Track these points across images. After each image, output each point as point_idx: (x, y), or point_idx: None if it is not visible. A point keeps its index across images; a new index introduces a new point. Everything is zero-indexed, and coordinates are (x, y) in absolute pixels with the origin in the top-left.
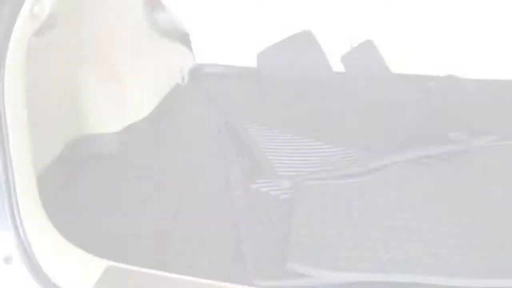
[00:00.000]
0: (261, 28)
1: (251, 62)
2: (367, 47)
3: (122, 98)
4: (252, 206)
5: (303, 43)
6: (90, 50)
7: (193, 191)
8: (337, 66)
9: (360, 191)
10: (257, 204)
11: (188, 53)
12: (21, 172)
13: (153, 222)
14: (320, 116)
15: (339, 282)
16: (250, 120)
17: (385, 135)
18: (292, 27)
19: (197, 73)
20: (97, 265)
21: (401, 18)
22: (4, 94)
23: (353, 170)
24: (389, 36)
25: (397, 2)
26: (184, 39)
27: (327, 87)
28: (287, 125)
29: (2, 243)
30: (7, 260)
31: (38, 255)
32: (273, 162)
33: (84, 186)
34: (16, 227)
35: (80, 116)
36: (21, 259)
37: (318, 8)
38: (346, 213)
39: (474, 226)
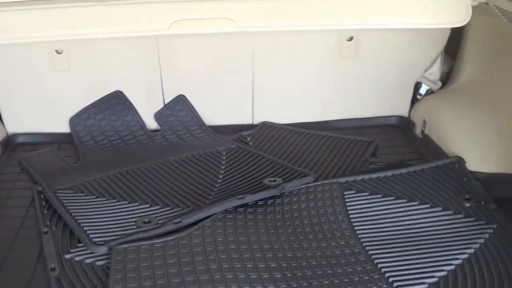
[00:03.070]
0: (71, 92)
1: (64, 127)
2: (180, 102)
3: None
4: (66, 277)
5: (115, 103)
6: None
7: (6, 265)
8: (151, 123)
9: (176, 248)
10: (71, 275)
11: None
12: None
13: None
14: (136, 176)
15: None
16: (63, 188)
17: (202, 188)
18: (102, 89)
19: (9, 144)
20: None
21: (211, 72)
22: None
23: (169, 228)
24: (202, 89)
25: (209, 58)
26: None
27: (142, 146)
28: (101, 189)
29: None
30: None
31: None
32: (87, 229)
33: None
34: None
35: None
36: None
37: (127, 67)
38: (163, 273)
39: (290, 269)
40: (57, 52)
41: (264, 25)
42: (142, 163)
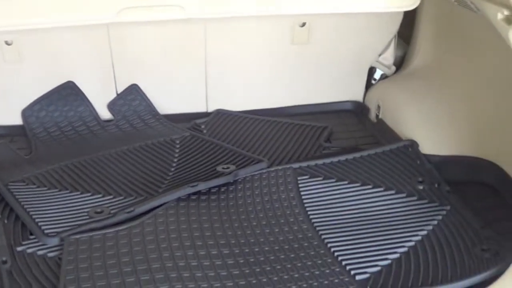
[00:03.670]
0: (23, 83)
1: (16, 119)
2: (133, 91)
3: None
4: (18, 269)
5: (67, 94)
6: None
7: None
8: (105, 113)
9: (128, 237)
10: (23, 267)
11: None
12: None
13: None
14: (89, 167)
15: None
16: (14, 180)
17: (155, 177)
18: (54, 80)
19: None
20: None
21: (164, 60)
22: None
23: (121, 217)
24: (155, 77)
25: (161, 46)
26: None
27: (96, 136)
28: (53, 181)
29: None
30: None
31: None
32: (38, 221)
33: None
34: None
35: None
36: None
37: (78, 57)
38: (115, 262)
39: (243, 255)
40: (7, 43)
41: (213, 11)
42: (95, 153)
